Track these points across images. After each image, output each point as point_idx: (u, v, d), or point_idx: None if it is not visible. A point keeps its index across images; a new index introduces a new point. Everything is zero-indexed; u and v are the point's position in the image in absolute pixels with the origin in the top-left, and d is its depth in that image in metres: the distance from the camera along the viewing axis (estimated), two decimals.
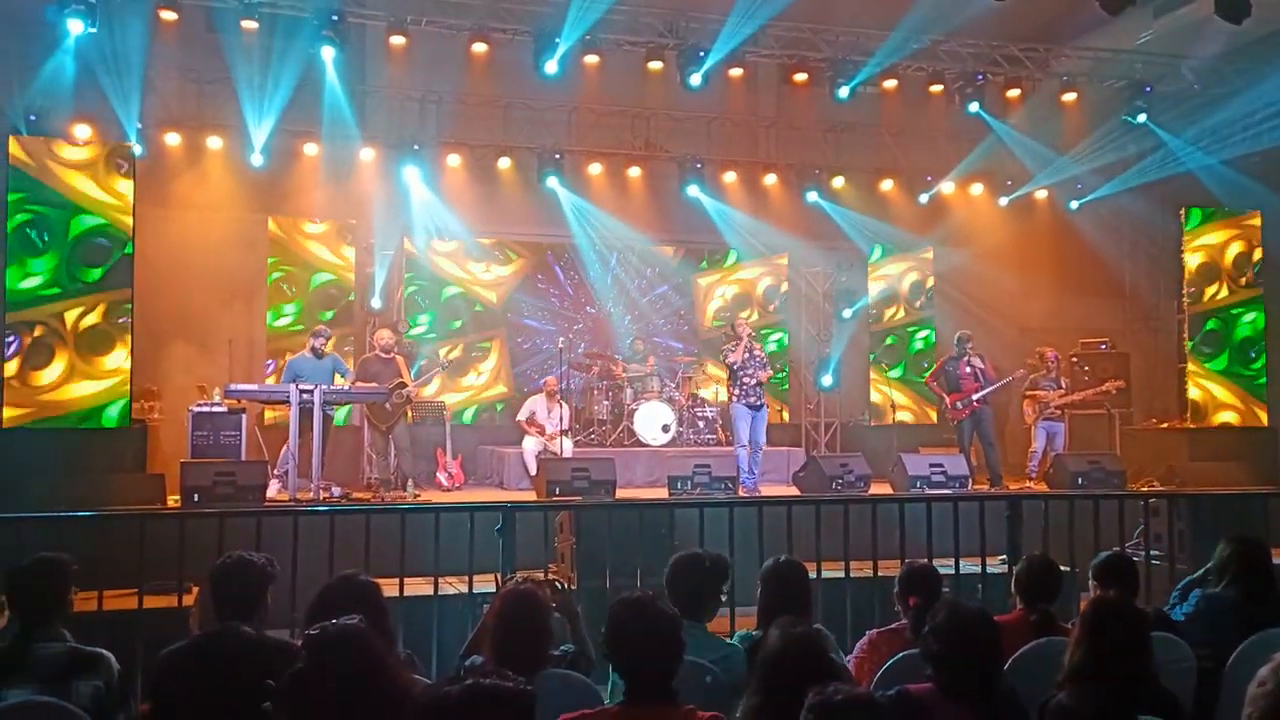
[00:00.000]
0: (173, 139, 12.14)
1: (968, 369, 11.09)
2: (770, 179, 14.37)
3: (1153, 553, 7.01)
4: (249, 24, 11.03)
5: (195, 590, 6.03)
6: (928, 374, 11.93)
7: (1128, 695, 3.14)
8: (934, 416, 14.52)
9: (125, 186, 9.93)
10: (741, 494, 9.96)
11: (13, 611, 3.84)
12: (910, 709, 3.14)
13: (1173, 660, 3.91)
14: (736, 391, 10.70)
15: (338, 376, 10.19)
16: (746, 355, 10.57)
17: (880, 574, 5.90)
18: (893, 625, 4.42)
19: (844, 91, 12.81)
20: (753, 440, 10.60)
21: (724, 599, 4.19)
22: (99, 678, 3.65)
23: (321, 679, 2.60)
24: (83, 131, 10.99)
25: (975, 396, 11.00)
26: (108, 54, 10.89)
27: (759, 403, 10.63)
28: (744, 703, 3.28)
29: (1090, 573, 4.60)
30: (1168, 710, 3.23)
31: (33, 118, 10.88)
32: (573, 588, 6.38)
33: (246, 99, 11.80)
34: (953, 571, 6.12)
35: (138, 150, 10.80)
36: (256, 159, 12.14)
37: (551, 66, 11.83)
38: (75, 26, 10.05)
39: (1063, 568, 4.74)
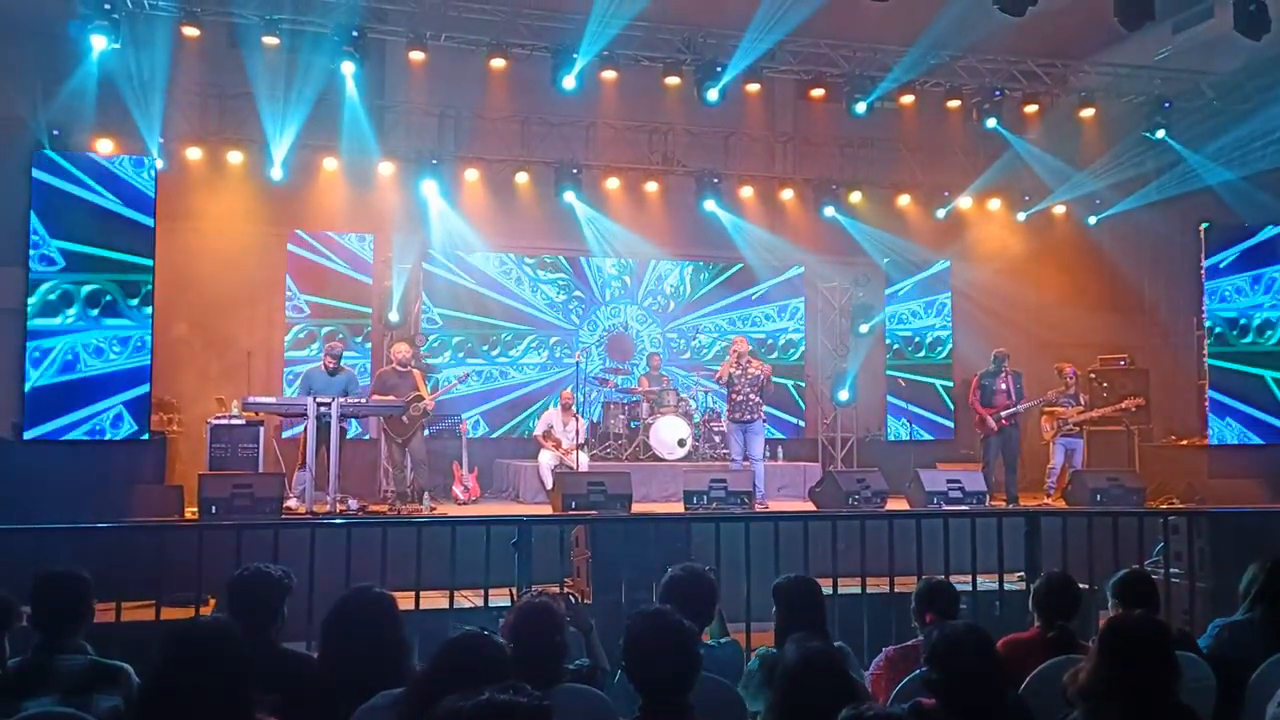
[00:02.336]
0: (194, 153, 12.24)
1: (1002, 386, 11.09)
2: (787, 194, 14.38)
3: (1172, 571, 6.94)
4: (270, 40, 11.12)
5: (213, 602, 6.05)
6: (969, 395, 11.76)
7: (1147, 715, 3.11)
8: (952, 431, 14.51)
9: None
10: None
11: (35, 624, 3.87)
12: None
13: (1192, 680, 3.87)
14: (729, 407, 10.88)
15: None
16: (738, 370, 10.65)
17: (897, 590, 5.87)
18: (909, 642, 4.39)
19: (861, 107, 12.81)
20: (750, 454, 10.66)
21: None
22: (119, 692, 3.67)
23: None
24: (105, 146, 11.10)
25: (1004, 414, 10.98)
26: (130, 69, 11.00)
27: (749, 418, 10.70)
28: (762, 717, 3.28)
29: (1109, 590, 4.56)
30: None
31: (56, 132, 10.98)
32: (588, 602, 6.38)
33: (267, 114, 11.89)
34: (970, 588, 6.08)
35: (159, 164, 10.89)
36: (276, 173, 12.22)
37: (569, 82, 11.88)
38: (99, 42, 10.18)
39: (1081, 585, 4.70)
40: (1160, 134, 13.37)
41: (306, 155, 12.46)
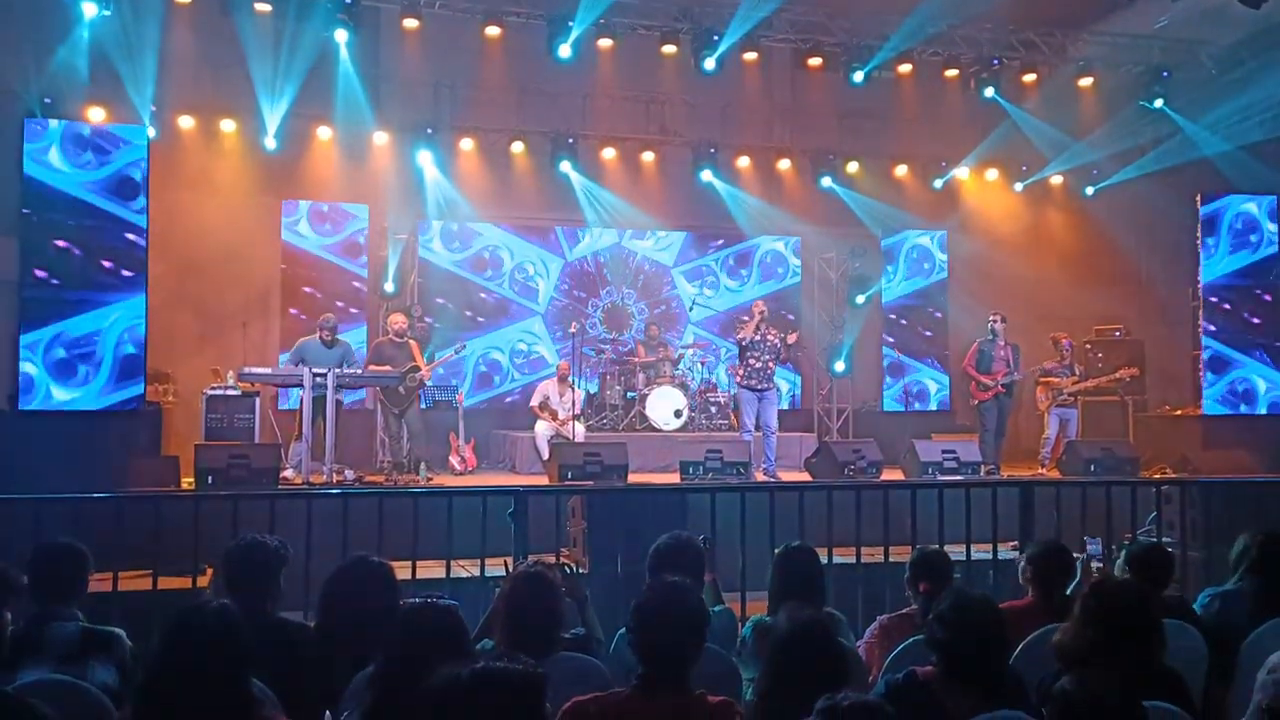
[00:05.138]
0: (186, 122, 12.17)
1: (1001, 354, 11.04)
2: (784, 164, 14.33)
3: (1165, 540, 6.99)
4: (263, 7, 11.04)
5: (210, 572, 6.07)
6: (965, 361, 11.70)
7: (1132, 679, 3.14)
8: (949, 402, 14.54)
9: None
10: (760, 478, 9.98)
11: (32, 593, 3.89)
12: (917, 692, 3.16)
13: (1185, 648, 3.90)
14: (743, 372, 10.67)
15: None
16: (757, 336, 10.55)
17: (891, 560, 5.91)
18: (903, 611, 4.43)
19: (859, 76, 12.75)
20: (764, 425, 10.59)
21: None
22: (113, 658, 3.70)
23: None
24: (97, 114, 11.02)
25: (1003, 380, 10.94)
26: (122, 37, 10.90)
27: (763, 386, 10.60)
28: (754, 686, 3.30)
29: (1123, 558, 4.59)
30: (1173, 692, 3.23)
31: (47, 100, 10.88)
32: (584, 571, 6.40)
33: (260, 82, 11.80)
34: (964, 558, 6.12)
35: (151, 133, 10.80)
36: (270, 142, 12.16)
37: (565, 50, 11.80)
38: (90, 9, 10.10)
39: (1076, 555, 4.72)
40: (1158, 104, 13.33)
41: (300, 124, 12.38)
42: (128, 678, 3.68)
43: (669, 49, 12.49)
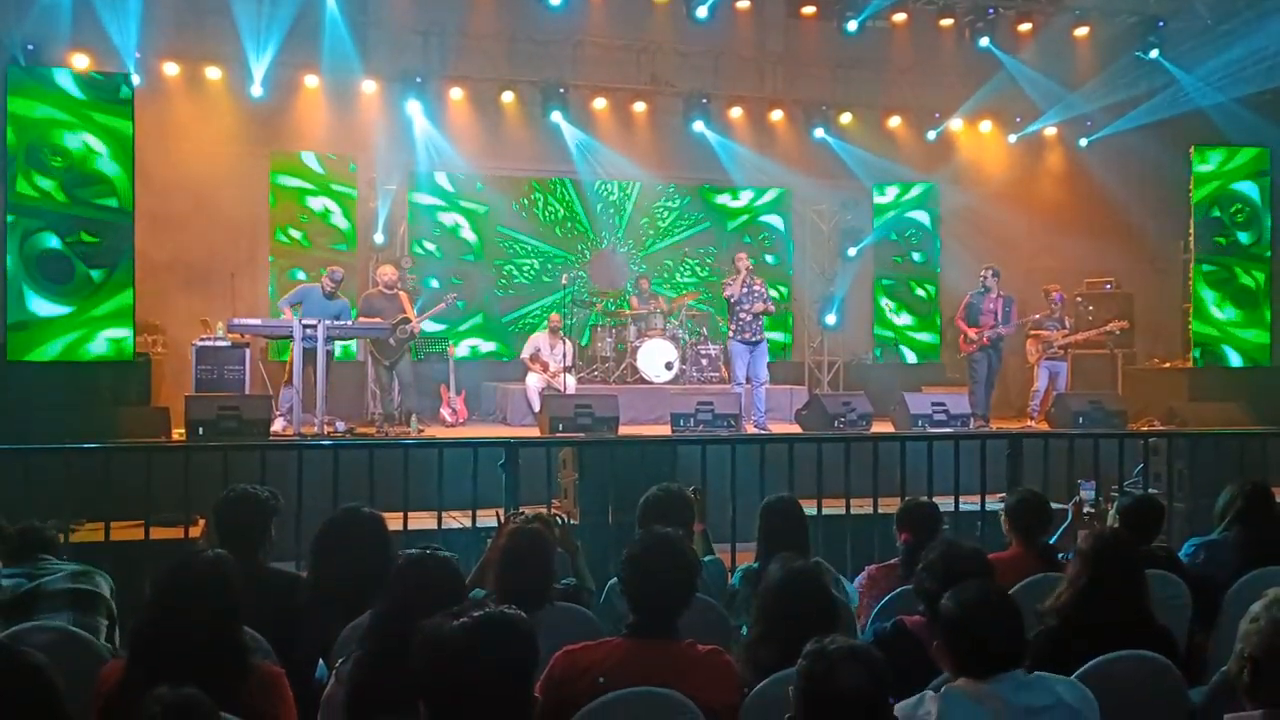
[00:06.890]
0: (171, 69, 11.99)
1: (990, 306, 11.02)
2: (777, 115, 14.21)
3: (1151, 491, 7.05)
4: None
5: (201, 522, 6.09)
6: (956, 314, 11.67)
7: (1121, 630, 3.18)
8: (937, 355, 14.57)
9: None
10: (750, 430, 10.01)
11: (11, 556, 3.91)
12: (905, 641, 3.19)
13: (1170, 597, 3.95)
14: (734, 327, 10.67)
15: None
16: (745, 289, 10.53)
17: (880, 511, 5.95)
18: (891, 561, 4.47)
19: (852, 25, 12.63)
20: (754, 376, 10.60)
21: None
22: (105, 580, 3.84)
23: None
24: (80, 61, 10.86)
25: (987, 333, 10.93)
26: None
27: (755, 339, 10.59)
28: (746, 633, 3.33)
29: (1115, 509, 4.64)
30: (1161, 645, 3.27)
31: (30, 48, 10.71)
32: (575, 522, 6.44)
33: (246, 29, 11.63)
34: (953, 509, 6.16)
35: (136, 80, 10.66)
36: (256, 90, 12.00)
37: None
38: None
39: (1058, 505, 4.77)
40: (1154, 54, 13.22)
41: (287, 73, 12.20)
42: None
43: None
